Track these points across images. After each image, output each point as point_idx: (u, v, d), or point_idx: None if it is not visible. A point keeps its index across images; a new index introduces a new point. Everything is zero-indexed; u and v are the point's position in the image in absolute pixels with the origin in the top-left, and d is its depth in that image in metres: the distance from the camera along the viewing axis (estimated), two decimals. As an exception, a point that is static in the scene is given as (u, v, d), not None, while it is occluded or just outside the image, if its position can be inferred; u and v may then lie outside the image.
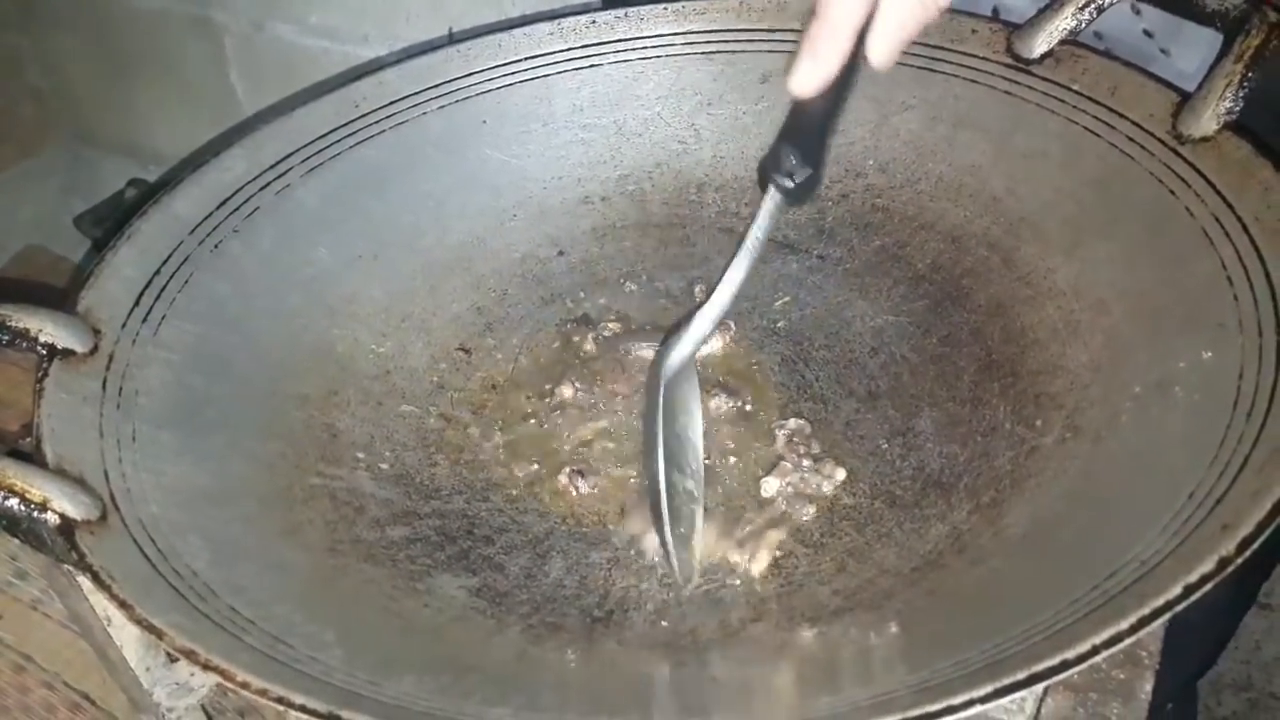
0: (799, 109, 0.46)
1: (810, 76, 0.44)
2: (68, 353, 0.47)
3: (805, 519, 0.49)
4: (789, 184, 0.46)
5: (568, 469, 0.53)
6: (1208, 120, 0.50)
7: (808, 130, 0.45)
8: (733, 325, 0.59)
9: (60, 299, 0.51)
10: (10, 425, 0.94)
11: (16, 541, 0.90)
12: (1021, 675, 0.30)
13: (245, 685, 0.33)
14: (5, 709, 0.81)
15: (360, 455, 0.53)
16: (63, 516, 0.39)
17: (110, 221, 1.02)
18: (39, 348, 0.47)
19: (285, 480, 0.50)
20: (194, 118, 1.16)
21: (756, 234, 0.47)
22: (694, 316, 0.49)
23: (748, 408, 0.55)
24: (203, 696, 0.63)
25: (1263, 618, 1.18)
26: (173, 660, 0.61)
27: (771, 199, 0.47)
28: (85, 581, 0.54)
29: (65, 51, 1.25)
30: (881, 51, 0.43)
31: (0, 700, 0.81)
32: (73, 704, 0.81)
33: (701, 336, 0.50)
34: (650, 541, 0.48)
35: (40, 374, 0.46)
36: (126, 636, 0.57)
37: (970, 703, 0.30)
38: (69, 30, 1.22)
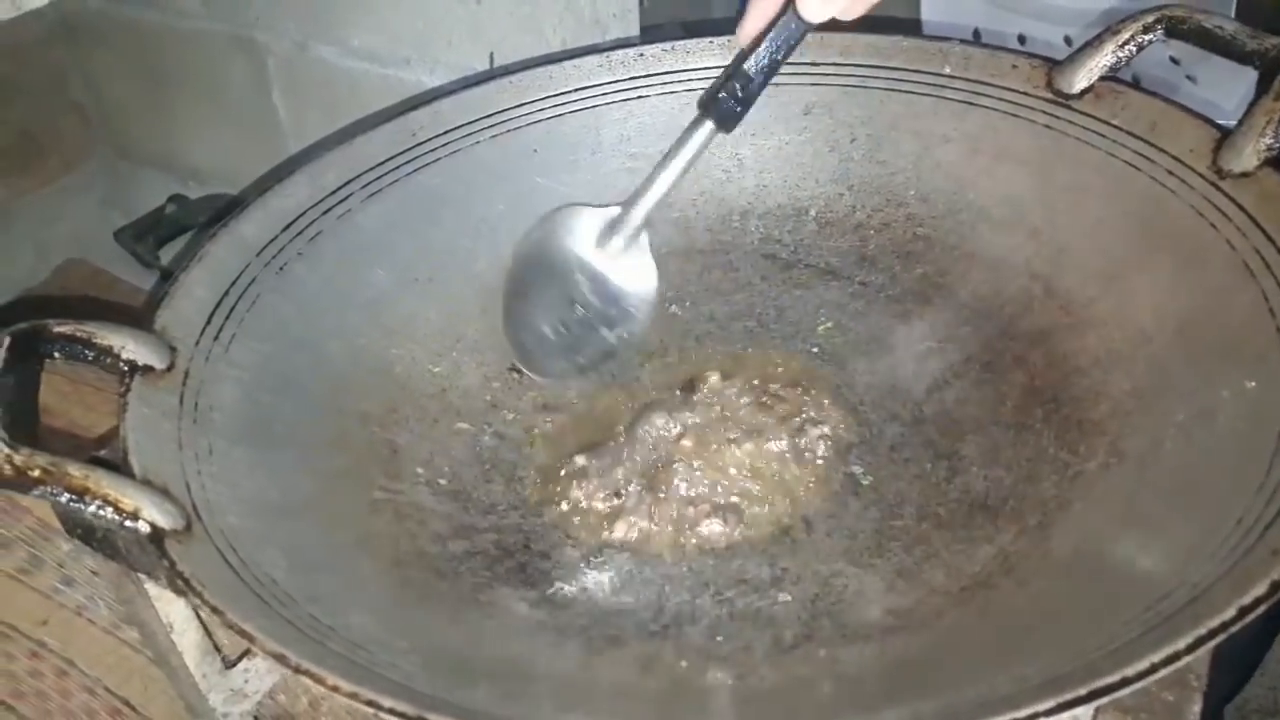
0: (739, 59, 0.55)
1: (743, 30, 0.55)
2: (147, 369, 0.49)
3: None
4: (724, 110, 0.56)
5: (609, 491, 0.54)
6: (1249, 156, 0.51)
7: (743, 77, 0.55)
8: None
9: (114, 314, 0.53)
10: (60, 433, 0.97)
11: (65, 548, 0.92)
12: (1083, 691, 0.32)
13: (335, 689, 0.34)
14: (48, 713, 0.83)
15: (420, 471, 0.55)
16: (153, 526, 0.41)
17: (150, 235, 1.04)
18: (121, 364, 0.49)
19: (351, 494, 0.52)
20: (235, 136, 1.19)
21: (688, 150, 0.57)
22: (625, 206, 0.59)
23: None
24: (256, 703, 0.65)
25: (1289, 645, 1.18)
26: (229, 667, 0.63)
27: (703, 125, 0.56)
28: (151, 589, 0.56)
29: (108, 69, 1.27)
30: (809, 8, 0.53)
31: (43, 704, 0.83)
32: (113, 709, 0.82)
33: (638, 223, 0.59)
34: None
35: (124, 389, 0.48)
36: (186, 644, 0.59)
37: (1035, 716, 0.31)
38: (112, 48, 1.24)
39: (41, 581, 0.87)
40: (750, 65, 0.54)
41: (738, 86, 0.54)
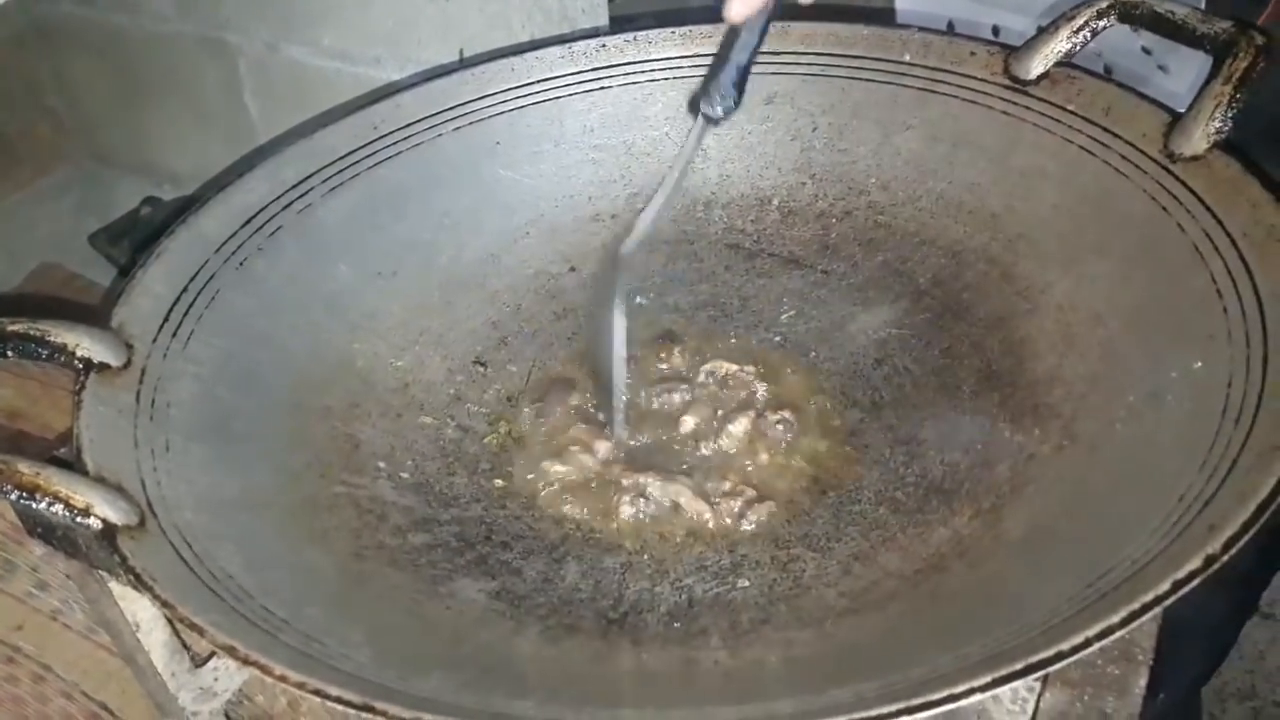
0: (724, 50, 0.55)
1: (741, 6, 0.53)
2: (103, 366, 0.49)
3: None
4: (717, 113, 0.55)
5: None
6: (1198, 139, 0.52)
7: (732, 67, 0.54)
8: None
9: (79, 314, 0.53)
10: (31, 435, 0.96)
11: (38, 552, 0.92)
12: (1018, 666, 0.32)
13: (283, 678, 0.34)
14: (25, 718, 0.82)
15: (381, 465, 0.55)
16: (104, 522, 0.41)
17: (125, 239, 1.04)
18: (76, 362, 0.49)
19: (311, 489, 0.52)
20: (208, 138, 1.18)
21: (688, 154, 0.56)
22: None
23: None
24: (225, 701, 0.65)
25: (1266, 628, 1.19)
26: (198, 666, 0.63)
27: (700, 125, 0.56)
28: (116, 587, 0.56)
29: (81, 73, 1.27)
30: None
31: (20, 709, 0.82)
32: (91, 714, 0.82)
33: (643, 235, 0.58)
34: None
35: (78, 387, 0.48)
36: (154, 642, 0.59)
37: (970, 691, 0.32)
38: (85, 52, 1.24)
39: (15, 586, 0.87)
40: (737, 60, 0.54)
41: (733, 75, 0.54)
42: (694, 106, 0.56)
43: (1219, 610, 0.91)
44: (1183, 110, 0.54)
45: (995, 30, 0.90)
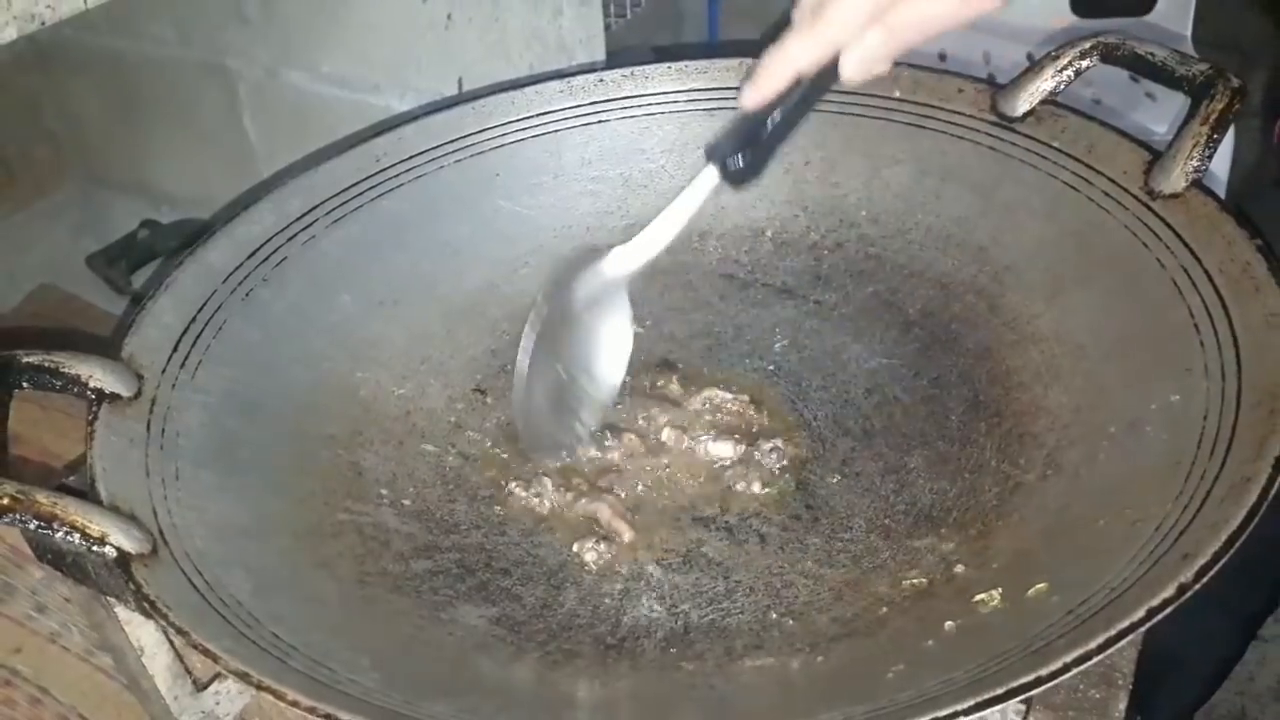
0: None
1: (748, 96, 0.51)
2: (114, 397, 0.51)
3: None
4: (728, 167, 0.52)
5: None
6: (1177, 178, 0.54)
7: (753, 130, 0.52)
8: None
9: (82, 341, 0.55)
10: (31, 461, 0.97)
11: (38, 575, 0.92)
12: (1000, 690, 0.34)
13: (295, 703, 0.36)
14: (22, 740, 0.83)
15: (384, 492, 0.56)
16: (119, 550, 0.42)
17: (123, 261, 1.05)
18: (89, 393, 0.50)
19: (316, 516, 0.53)
20: (206, 161, 1.19)
21: (687, 198, 0.53)
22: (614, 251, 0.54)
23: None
24: (228, 725, 0.66)
25: (1256, 649, 1.20)
26: (200, 689, 0.64)
27: (707, 174, 0.52)
28: (121, 612, 0.57)
29: (80, 95, 1.27)
30: (850, 74, 0.48)
31: (18, 732, 0.83)
32: (88, 737, 0.83)
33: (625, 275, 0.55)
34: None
35: (91, 417, 0.49)
36: (157, 666, 0.60)
37: (955, 714, 0.33)
38: (84, 74, 1.25)
39: (14, 609, 0.87)
40: (768, 127, 0.51)
41: (750, 150, 0.51)
42: (711, 155, 0.52)
43: (1223, 640, 0.93)
44: (1165, 145, 0.56)
45: (986, 58, 0.92)
